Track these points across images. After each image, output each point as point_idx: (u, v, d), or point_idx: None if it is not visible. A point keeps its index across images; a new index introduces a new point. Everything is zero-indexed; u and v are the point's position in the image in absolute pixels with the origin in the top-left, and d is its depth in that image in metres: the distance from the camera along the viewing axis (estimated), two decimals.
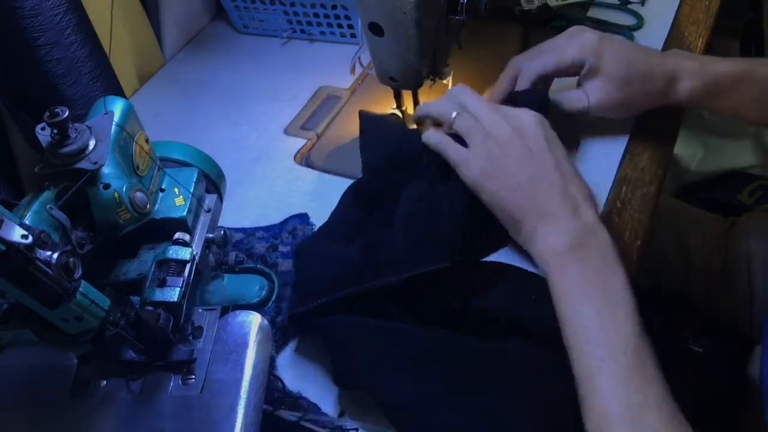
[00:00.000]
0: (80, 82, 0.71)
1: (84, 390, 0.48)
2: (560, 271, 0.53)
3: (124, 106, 0.48)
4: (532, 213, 0.56)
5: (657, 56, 0.67)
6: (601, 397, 0.46)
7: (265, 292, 0.61)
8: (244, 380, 0.46)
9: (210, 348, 0.48)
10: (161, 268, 0.47)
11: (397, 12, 0.60)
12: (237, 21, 0.98)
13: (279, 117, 0.83)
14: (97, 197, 0.45)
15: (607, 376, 0.47)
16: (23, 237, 0.36)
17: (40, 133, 0.44)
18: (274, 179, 0.75)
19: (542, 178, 0.56)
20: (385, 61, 0.67)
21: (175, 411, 0.46)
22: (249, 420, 0.45)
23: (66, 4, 0.67)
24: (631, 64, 0.66)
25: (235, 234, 0.67)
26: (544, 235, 0.55)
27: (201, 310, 0.51)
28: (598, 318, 0.49)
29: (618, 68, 0.66)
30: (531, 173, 0.57)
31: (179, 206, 0.51)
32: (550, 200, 0.55)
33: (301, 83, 0.87)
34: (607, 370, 0.47)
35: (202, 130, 0.83)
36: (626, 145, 0.70)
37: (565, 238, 0.54)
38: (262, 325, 0.50)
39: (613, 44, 0.66)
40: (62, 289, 0.38)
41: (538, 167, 0.57)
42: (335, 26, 0.91)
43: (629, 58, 0.66)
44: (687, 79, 0.65)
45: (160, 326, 0.44)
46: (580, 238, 0.53)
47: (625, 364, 0.47)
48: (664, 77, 0.66)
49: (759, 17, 1.54)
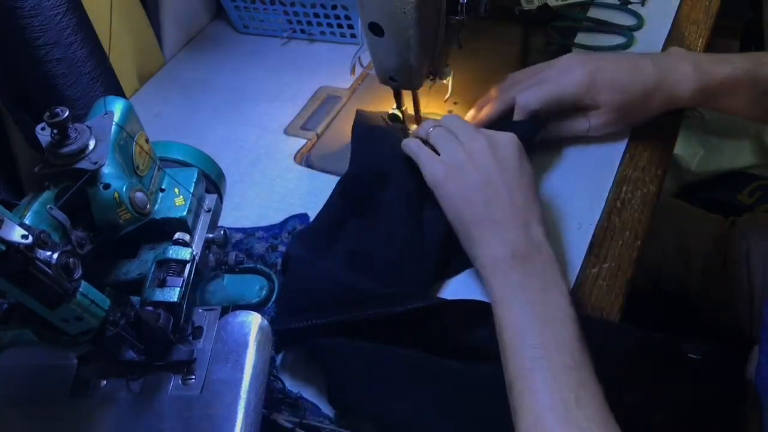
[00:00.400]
0: (80, 82, 0.71)
1: (84, 390, 0.48)
2: (500, 277, 0.53)
3: (124, 106, 0.48)
4: (482, 221, 0.57)
5: (650, 69, 0.67)
6: (534, 395, 0.46)
7: (265, 292, 0.61)
8: (244, 380, 0.46)
9: (210, 348, 0.48)
10: (161, 268, 0.47)
11: (397, 12, 0.60)
12: (237, 21, 0.98)
13: (279, 117, 0.83)
14: (97, 197, 0.45)
15: (541, 375, 0.47)
16: (23, 237, 0.36)
17: (40, 133, 0.44)
18: (274, 179, 0.75)
19: (500, 190, 0.57)
20: (385, 61, 0.67)
21: (175, 411, 0.46)
22: (249, 420, 0.45)
23: (66, 4, 0.67)
24: (626, 89, 0.66)
25: (235, 234, 0.67)
26: (490, 243, 0.55)
27: (201, 310, 0.51)
28: (536, 321, 0.50)
29: (614, 98, 0.66)
30: (490, 182, 0.57)
31: (179, 206, 0.51)
32: (502, 212, 0.56)
33: (301, 83, 0.87)
34: (540, 370, 0.47)
35: (202, 130, 0.83)
36: (626, 145, 0.70)
37: (509, 247, 0.54)
38: (262, 325, 0.50)
39: (604, 73, 0.66)
40: (62, 289, 0.38)
41: (499, 178, 0.57)
42: (335, 26, 0.91)
43: (623, 83, 0.66)
44: (684, 86, 0.66)
45: (160, 326, 0.44)
46: (525, 251, 0.54)
47: (560, 364, 0.47)
48: (660, 92, 0.66)
49: (759, 17, 1.54)
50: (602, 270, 0.60)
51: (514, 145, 0.60)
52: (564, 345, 0.48)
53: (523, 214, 0.56)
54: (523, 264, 0.53)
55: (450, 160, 0.60)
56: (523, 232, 0.55)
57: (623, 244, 0.62)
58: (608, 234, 0.63)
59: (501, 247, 0.55)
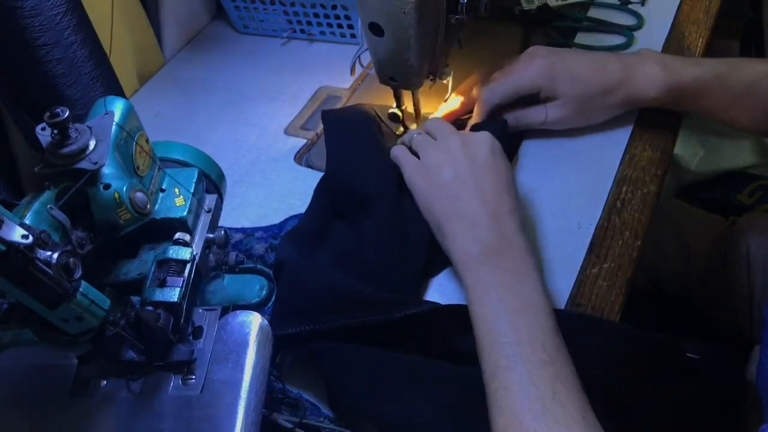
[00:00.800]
0: (80, 82, 0.71)
1: (84, 390, 0.48)
2: (473, 274, 0.53)
3: (124, 106, 0.48)
4: (452, 217, 0.57)
5: (615, 66, 0.67)
6: (510, 392, 0.46)
7: (265, 292, 0.61)
8: (244, 380, 0.46)
9: (210, 348, 0.48)
10: (161, 268, 0.47)
11: (397, 12, 0.60)
12: (237, 21, 0.98)
13: (279, 117, 0.83)
14: (97, 197, 0.45)
15: (517, 372, 0.46)
16: (23, 237, 0.36)
17: (40, 133, 0.44)
18: (274, 179, 0.75)
19: (469, 184, 0.57)
20: (385, 61, 0.67)
21: (175, 411, 0.46)
22: (249, 420, 0.45)
23: (66, 4, 0.67)
24: (587, 82, 0.66)
25: (235, 234, 0.67)
26: (460, 239, 0.56)
27: (201, 310, 0.51)
28: (509, 316, 0.49)
29: (574, 89, 0.67)
30: (459, 177, 0.58)
31: (179, 206, 0.51)
32: (471, 206, 0.56)
33: (301, 83, 0.87)
34: (515, 367, 0.47)
35: (202, 130, 0.83)
36: (626, 145, 0.70)
37: (479, 242, 0.54)
38: (262, 325, 0.50)
39: (565, 64, 0.66)
40: (62, 289, 0.38)
41: (468, 173, 0.58)
42: (335, 26, 0.91)
43: (585, 75, 0.66)
44: (649, 86, 0.66)
45: (160, 326, 0.44)
46: (495, 245, 0.54)
47: (535, 360, 0.47)
48: (623, 89, 0.66)
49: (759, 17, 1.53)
50: (602, 270, 0.60)
51: (487, 140, 0.60)
52: (538, 340, 0.48)
53: (493, 206, 0.56)
54: (494, 259, 0.53)
55: (426, 162, 0.61)
56: (494, 226, 0.55)
57: (623, 244, 0.62)
58: (608, 234, 0.63)
59: (471, 242, 0.55)
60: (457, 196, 0.57)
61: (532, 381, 0.45)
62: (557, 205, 0.65)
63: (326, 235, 0.64)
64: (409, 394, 0.52)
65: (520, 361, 0.47)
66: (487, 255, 0.53)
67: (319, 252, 0.63)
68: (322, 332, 0.54)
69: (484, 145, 0.60)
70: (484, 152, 0.60)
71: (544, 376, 0.46)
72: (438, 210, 0.58)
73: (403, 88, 0.72)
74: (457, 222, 0.56)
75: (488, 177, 0.58)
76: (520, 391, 0.45)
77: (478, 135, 0.61)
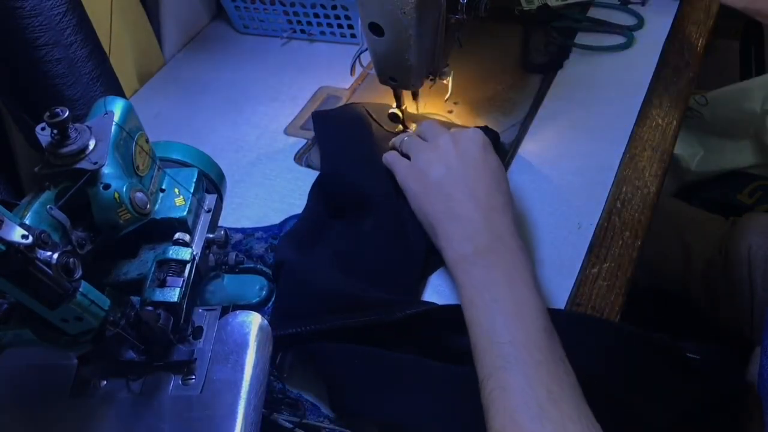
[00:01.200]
0: (80, 82, 0.71)
1: (84, 390, 0.48)
2: (465, 274, 0.53)
3: (124, 106, 0.48)
4: (444, 215, 0.57)
5: None
6: (505, 394, 0.45)
7: (265, 292, 0.61)
8: (244, 380, 0.46)
9: (210, 348, 0.48)
10: (161, 268, 0.47)
11: (397, 12, 0.60)
12: (237, 21, 0.98)
13: (279, 117, 0.83)
14: (97, 197, 0.45)
15: (511, 372, 0.46)
16: (23, 237, 0.36)
17: (40, 133, 0.44)
18: (274, 179, 0.75)
19: (459, 182, 0.57)
20: (385, 61, 0.67)
21: (175, 411, 0.46)
22: (249, 420, 0.45)
23: (66, 4, 0.67)
24: None
25: (235, 234, 0.67)
26: (453, 238, 0.56)
27: (201, 310, 0.51)
28: (504, 317, 0.49)
29: None
30: (450, 175, 0.58)
31: (179, 206, 0.51)
32: (462, 205, 0.56)
33: (301, 83, 0.87)
34: (510, 367, 0.46)
35: (202, 130, 0.83)
36: (626, 145, 0.70)
37: (471, 241, 0.54)
38: (262, 325, 0.50)
39: None
40: (62, 289, 0.38)
41: (459, 170, 0.58)
42: (335, 26, 0.91)
43: None
44: None
45: (160, 326, 0.44)
46: (487, 244, 0.54)
47: (530, 360, 0.46)
48: None
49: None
50: (602, 270, 0.60)
51: (478, 138, 0.61)
52: (532, 340, 0.48)
53: (485, 204, 0.56)
54: (487, 258, 0.53)
55: (418, 163, 0.62)
56: (486, 224, 0.55)
57: (623, 244, 0.62)
58: (608, 234, 0.63)
59: (464, 241, 0.55)
60: (449, 195, 0.57)
61: (528, 382, 0.45)
62: (557, 205, 0.65)
63: (324, 235, 0.64)
64: (409, 394, 0.52)
65: (515, 362, 0.46)
66: (480, 254, 0.53)
67: (319, 252, 0.63)
68: (322, 332, 0.54)
69: (474, 141, 0.60)
70: (475, 148, 0.60)
71: (539, 376, 0.46)
72: (430, 211, 0.58)
73: (403, 88, 0.72)
74: (450, 222, 0.56)
75: (480, 173, 0.58)
76: (516, 392, 0.45)
77: (468, 131, 0.62)
